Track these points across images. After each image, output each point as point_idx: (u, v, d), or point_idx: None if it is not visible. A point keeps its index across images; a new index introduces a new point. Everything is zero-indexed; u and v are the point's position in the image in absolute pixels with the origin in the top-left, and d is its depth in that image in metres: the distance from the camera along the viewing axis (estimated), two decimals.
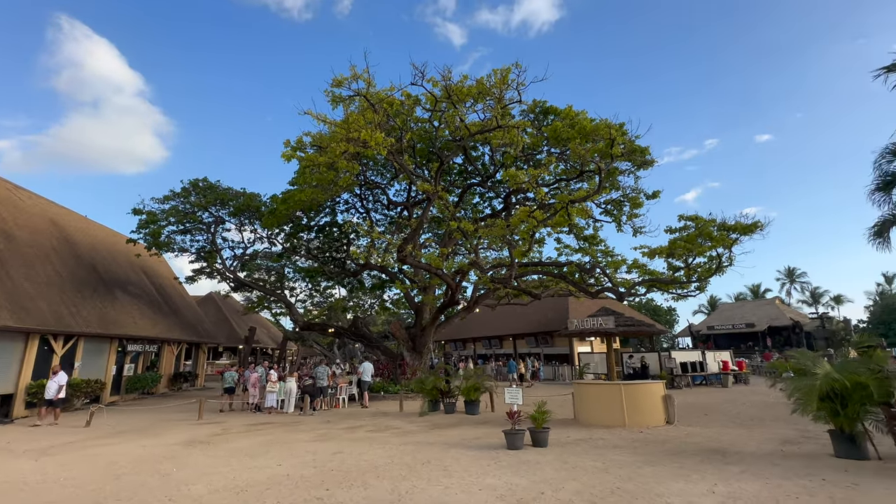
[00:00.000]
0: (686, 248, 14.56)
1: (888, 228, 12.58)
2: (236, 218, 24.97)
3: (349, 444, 8.97)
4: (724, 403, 14.94)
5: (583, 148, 11.24)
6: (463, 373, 14.84)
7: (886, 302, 52.49)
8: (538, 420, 8.18)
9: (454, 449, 8.15)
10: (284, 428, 11.41)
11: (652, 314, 54.38)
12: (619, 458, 7.08)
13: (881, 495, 5.08)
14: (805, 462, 6.65)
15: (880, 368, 6.67)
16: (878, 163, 11.02)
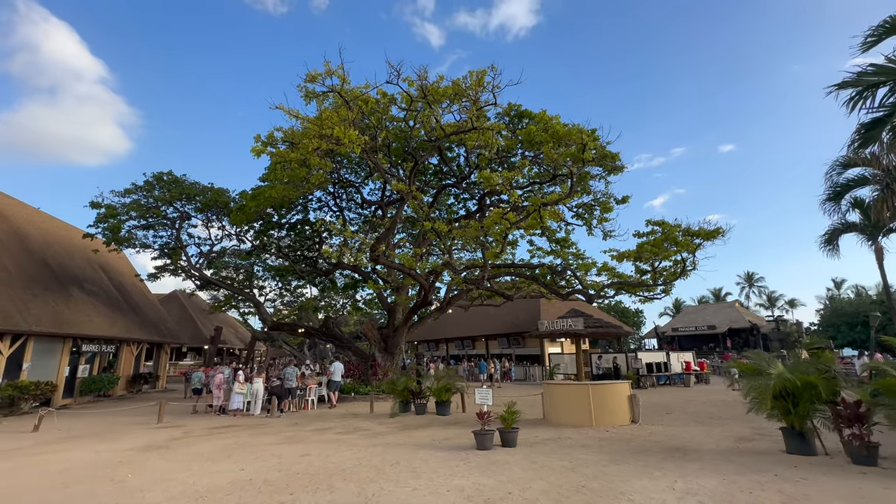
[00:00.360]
0: (653, 252, 15.01)
1: (837, 237, 13.38)
2: (203, 214, 24.12)
3: (317, 446, 8.79)
4: (686, 403, 15.47)
5: (555, 152, 11.44)
6: (434, 373, 14.81)
7: (835, 306, 55.63)
8: (507, 420, 8.25)
9: (423, 450, 8.12)
10: (250, 431, 11.08)
11: (620, 316, 55.85)
12: (585, 457, 7.22)
13: (826, 489, 5.37)
14: (759, 458, 6.96)
15: (828, 369, 7.05)
16: (829, 174, 11.70)
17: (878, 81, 7.04)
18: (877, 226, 12.54)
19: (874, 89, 7.18)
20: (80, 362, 19.09)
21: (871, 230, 12.92)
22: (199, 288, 26.86)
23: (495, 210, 12.91)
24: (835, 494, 5.16)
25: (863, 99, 7.28)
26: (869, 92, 7.22)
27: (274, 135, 12.14)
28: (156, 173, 20.48)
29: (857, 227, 13.24)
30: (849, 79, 7.29)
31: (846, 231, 13.47)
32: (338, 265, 22.67)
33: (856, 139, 7.72)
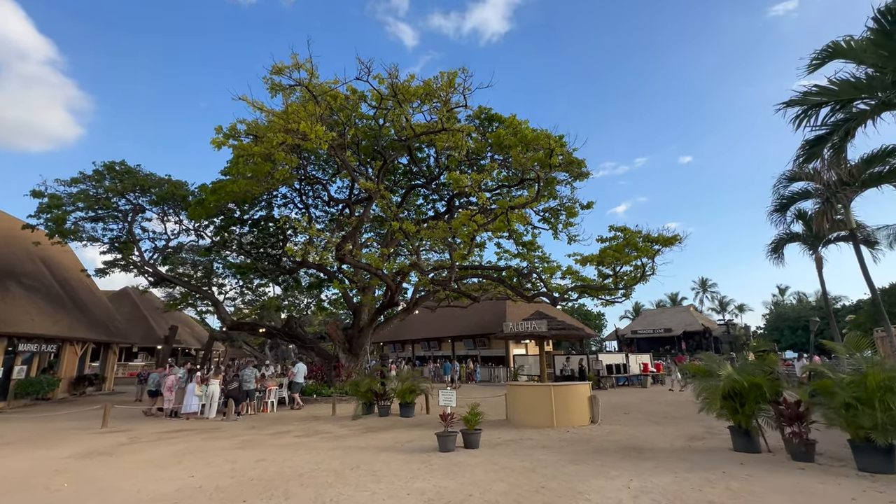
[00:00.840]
0: (615, 257, 15.47)
1: (782, 246, 14.26)
2: (158, 207, 22.94)
3: (274, 450, 8.50)
4: (643, 403, 16.03)
5: (524, 156, 11.59)
6: (395, 374, 14.66)
7: (779, 311, 59.35)
8: (471, 422, 8.25)
9: (385, 453, 8.00)
10: (203, 435, 10.59)
11: (583, 318, 57.34)
12: (545, 458, 7.31)
13: (769, 485, 5.66)
14: (709, 456, 7.27)
15: (772, 370, 7.46)
16: (776, 187, 12.51)
17: (821, 101, 7.56)
18: (817, 236, 13.50)
19: (818, 108, 7.71)
20: (15, 363, 17.72)
21: (812, 241, 13.91)
22: (153, 285, 25.55)
23: (464, 212, 12.94)
24: (776, 490, 5.45)
25: (808, 117, 7.80)
26: (813, 111, 7.74)
27: (237, 127, 11.68)
28: (107, 162, 19.31)
29: (801, 237, 14.22)
30: (795, 98, 7.81)
31: (790, 241, 14.43)
32: (302, 264, 22.11)
33: (801, 154, 8.27)
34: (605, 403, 15.20)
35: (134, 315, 40.21)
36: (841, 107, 7.56)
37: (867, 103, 7.44)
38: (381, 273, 15.83)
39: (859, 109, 7.51)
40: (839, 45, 7.54)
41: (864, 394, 6.24)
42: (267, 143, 10.88)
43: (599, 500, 5.20)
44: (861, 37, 7.21)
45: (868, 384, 6.23)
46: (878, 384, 6.12)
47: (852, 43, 7.35)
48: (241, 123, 11.45)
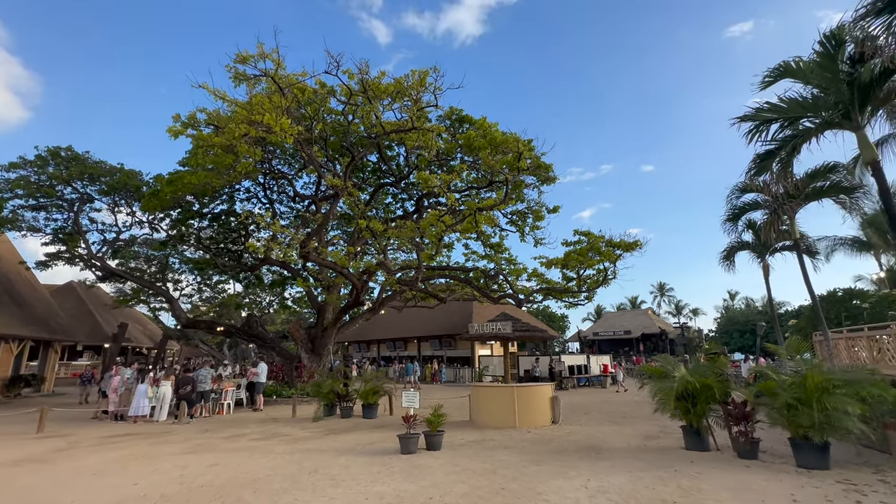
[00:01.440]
0: (579, 261, 15.83)
1: (734, 254, 15.06)
2: (109, 197, 21.64)
3: (228, 454, 8.14)
4: (603, 403, 16.49)
5: (493, 158, 11.66)
6: (359, 374, 14.41)
7: (729, 315, 62.69)
8: (433, 424, 8.20)
9: (346, 456, 7.82)
10: (151, 439, 10.03)
11: (547, 320, 58.50)
12: (507, 459, 7.36)
13: (717, 482, 5.91)
14: (662, 455, 7.53)
15: (722, 372, 7.82)
16: (730, 197, 13.21)
17: (772, 118, 8.02)
18: (765, 245, 14.35)
19: (768, 124, 8.17)
20: None
21: (760, 249, 14.78)
22: (101, 280, 24.07)
23: (432, 212, 12.89)
24: (723, 487, 5.69)
25: (759, 132, 8.26)
26: (764, 126, 8.20)
27: (196, 116, 11.13)
28: (51, 148, 18.00)
29: (750, 245, 15.08)
30: (748, 113, 8.24)
31: (741, 249, 15.28)
32: (265, 261, 21.43)
33: (752, 167, 8.77)
34: (566, 404, 15.54)
35: (79, 311, 37.73)
36: (789, 123, 8.05)
37: (812, 121, 7.95)
38: (347, 272, 15.54)
39: (805, 127, 8.03)
40: (789, 65, 8.02)
41: (804, 395, 6.63)
42: (228, 134, 10.43)
43: (558, 501, 5.27)
44: (808, 58, 7.70)
45: (807, 385, 6.62)
46: (817, 385, 6.51)
47: (801, 64, 7.83)
48: (200, 112, 10.93)
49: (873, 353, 9.62)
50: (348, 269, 15.17)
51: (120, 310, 35.89)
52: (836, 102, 7.36)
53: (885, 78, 6.96)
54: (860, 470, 6.44)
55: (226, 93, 9.97)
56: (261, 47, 10.25)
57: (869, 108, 7.35)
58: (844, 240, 26.11)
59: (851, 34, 6.60)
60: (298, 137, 11.36)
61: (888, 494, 5.33)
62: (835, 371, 6.76)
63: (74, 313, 36.42)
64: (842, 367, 7.15)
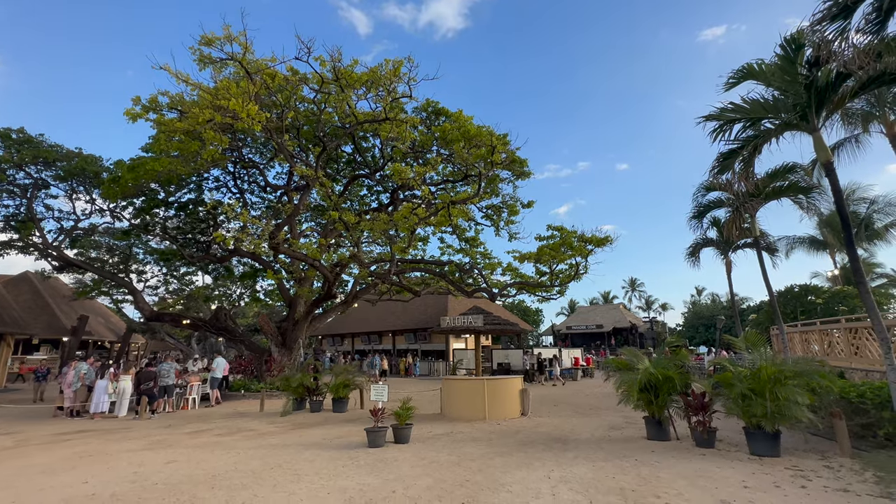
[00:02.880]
0: (552, 255, 16.02)
1: (699, 250, 15.54)
2: (66, 183, 20.57)
3: (188, 451, 7.90)
4: (572, 395, 16.81)
5: (467, 152, 11.61)
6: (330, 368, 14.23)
7: (696, 310, 64.94)
8: (402, 417, 8.16)
9: (311, 450, 7.70)
10: (108, 436, 9.64)
11: (522, 314, 59.27)
12: (473, 451, 7.39)
13: (674, 470, 6.09)
14: (624, 445, 7.71)
15: (683, 364, 8.05)
16: (695, 196, 13.62)
17: (735, 118, 8.25)
18: (728, 242, 14.86)
19: (732, 124, 8.41)
20: None
21: (723, 246, 15.31)
22: (59, 270, 22.94)
23: (405, 204, 12.77)
24: (680, 475, 5.87)
25: (723, 132, 8.49)
26: (728, 126, 8.43)
27: (158, 99, 10.61)
28: (1, 129, 16.92)
29: (714, 242, 15.60)
30: (713, 113, 8.46)
31: (706, 246, 15.80)
32: (234, 252, 20.85)
33: (716, 166, 9.02)
34: (536, 396, 15.77)
35: (35, 303, 35.87)
36: (751, 124, 8.30)
37: (772, 122, 8.22)
38: (319, 264, 15.26)
39: (766, 128, 8.30)
40: (752, 67, 8.26)
41: (758, 385, 6.89)
42: (192, 120, 10.00)
43: (520, 491, 5.32)
44: (770, 61, 7.94)
45: (761, 377, 6.88)
46: (770, 377, 6.78)
47: (763, 66, 8.07)
48: (163, 96, 10.41)
49: (824, 346, 10.12)
50: (320, 262, 14.89)
51: (80, 302, 34.34)
52: (795, 104, 7.62)
53: (840, 82, 7.25)
54: (807, 456, 6.76)
55: (189, 76, 9.54)
56: (227, 30, 9.86)
57: (825, 112, 7.65)
58: (803, 239, 27.36)
59: (809, 39, 6.84)
60: (268, 125, 11.02)
61: (831, 479, 5.60)
62: (787, 363, 7.05)
63: (30, 305, 34.63)
64: (794, 360, 7.45)
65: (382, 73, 11.60)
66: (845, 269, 28.42)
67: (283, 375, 14.56)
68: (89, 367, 13.50)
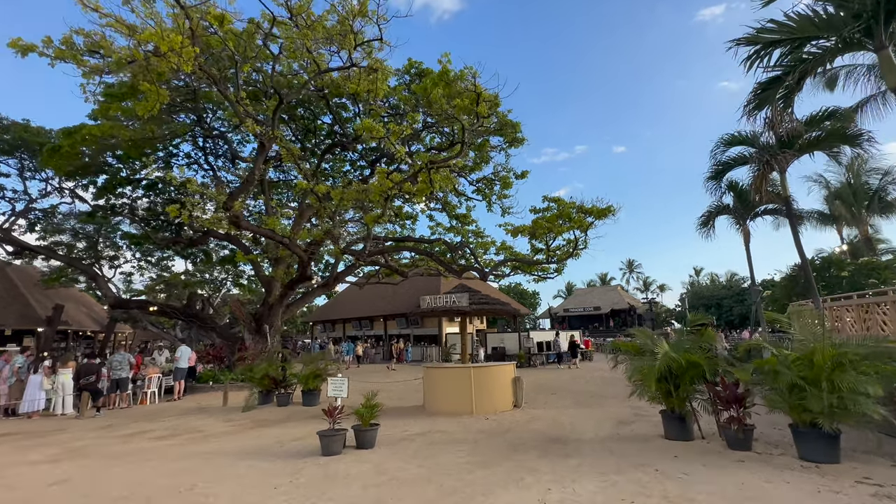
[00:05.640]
0: (547, 228, 14.47)
1: (713, 218, 13.96)
2: (15, 160, 18.72)
3: (99, 462, 6.38)
4: (571, 380, 15.42)
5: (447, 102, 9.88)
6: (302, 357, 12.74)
7: (695, 290, 63.85)
8: (364, 417, 6.64)
9: (250, 460, 6.19)
10: (22, 441, 8.13)
11: (519, 297, 57.96)
12: (451, 460, 5.89)
13: (711, 488, 4.60)
14: (639, 447, 6.23)
15: (710, 347, 6.54)
16: (714, 153, 11.92)
17: (776, 39, 6.62)
18: (748, 207, 13.31)
19: (772, 48, 6.79)
20: None
21: (741, 213, 13.74)
22: (14, 255, 21.22)
23: (380, 169, 11.12)
24: (721, 495, 4.37)
25: (760, 58, 6.87)
26: (766, 51, 6.81)
27: (73, 40, 8.78)
28: None
29: (730, 209, 14.02)
30: (748, 35, 6.81)
31: (720, 213, 14.20)
32: (208, 233, 19.16)
33: (752, 100, 7.41)
34: (532, 383, 14.35)
35: (6, 292, 34.04)
36: (797, 46, 6.68)
37: (822, 47, 6.59)
38: (289, 242, 13.62)
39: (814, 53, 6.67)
40: None
41: (812, 372, 5.39)
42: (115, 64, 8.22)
43: None
44: None
45: (816, 361, 5.38)
46: (828, 361, 5.27)
47: None
48: (78, 35, 8.58)
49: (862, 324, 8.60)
50: (288, 239, 13.26)
51: (58, 291, 32.61)
52: (857, 15, 5.98)
53: None
54: (873, 461, 5.31)
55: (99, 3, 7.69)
56: None
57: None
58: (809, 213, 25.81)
59: None
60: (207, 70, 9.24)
61: None
62: (849, 343, 5.53)
63: (2, 295, 32.87)
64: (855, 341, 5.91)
65: (346, 11, 9.77)
66: (853, 244, 27.00)
67: (244, 366, 13.06)
68: (25, 359, 11.94)
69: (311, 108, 18.82)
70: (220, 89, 10.08)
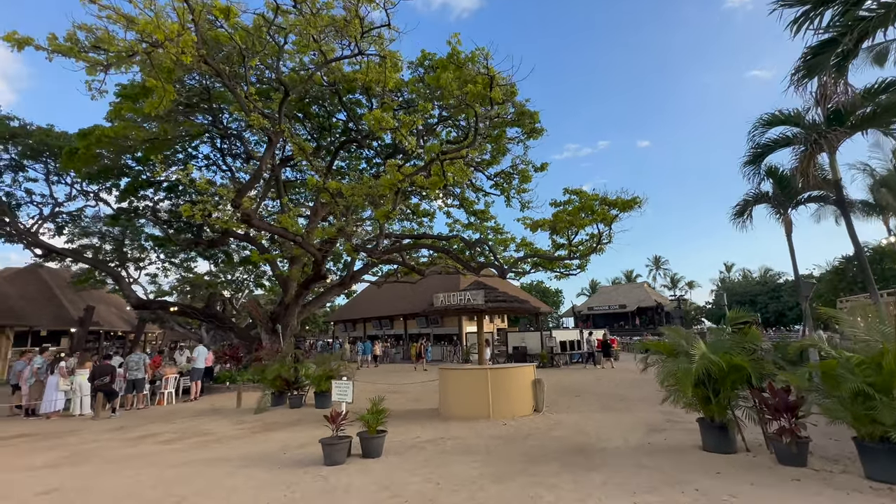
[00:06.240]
0: (569, 222, 13.74)
1: (749, 208, 12.92)
2: (41, 164, 19.14)
3: (99, 468, 6.13)
4: (596, 382, 14.66)
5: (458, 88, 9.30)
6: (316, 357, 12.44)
7: (727, 286, 61.31)
8: (370, 424, 6.18)
9: (249, 469, 5.82)
10: (33, 443, 8.02)
11: (541, 295, 56.88)
12: (462, 472, 5.36)
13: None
14: (675, 460, 5.55)
15: (755, 347, 5.79)
16: (752, 134, 10.87)
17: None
18: (790, 195, 12.22)
19: (823, 8, 5.96)
20: None
21: (782, 201, 12.63)
22: (43, 258, 21.79)
23: (390, 161, 10.66)
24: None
25: (810, 19, 6.05)
26: (817, 12, 5.99)
27: (77, 36, 8.65)
28: None
29: (769, 198, 12.91)
30: None
31: (758, 202, 13.09)
32: (226, 234, 19.20)
33: (800, 67, 6.54)
34: (555, 384, 13.69)
35: (42, 294, 35.35)
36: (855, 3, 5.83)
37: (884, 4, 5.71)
38: (300, 240, 13.34)
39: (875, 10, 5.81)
40: None
41: (879, 378, 4.62)
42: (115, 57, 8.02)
43: None
44: None
45: (885, 365, 4.60)
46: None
47: None
48: (81, 31, 8.43)
49: None
50: (301, 237, 12.97)
51: (89, 292, 33.58)
52: None
53: None
54: None
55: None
56: None
57: None
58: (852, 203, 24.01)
59: None
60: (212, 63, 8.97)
61: None
62: None
63: (36, 297, 34.09)
64: None
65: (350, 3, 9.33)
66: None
67: (256, 367, 12.84)
68: (44, 360, 12.02)
69: (324, 105, 18.57)
70: (224, 82, 9.83)
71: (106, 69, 8.24)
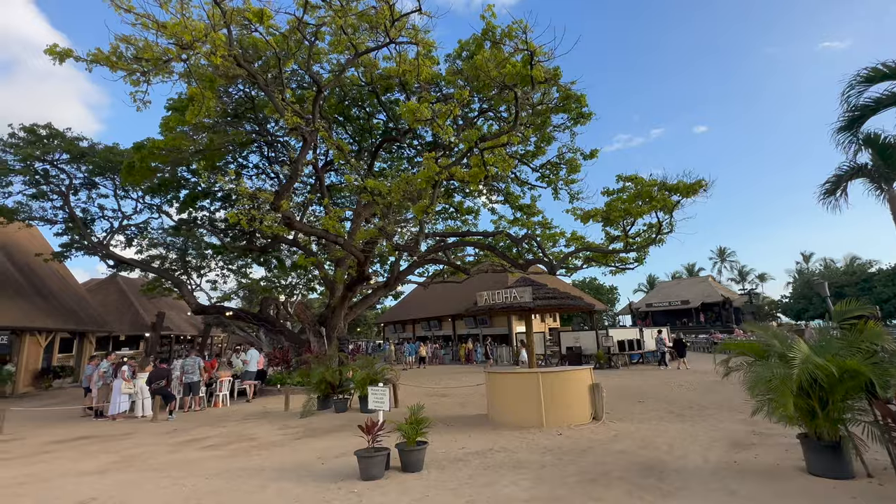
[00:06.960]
0: (624, 211, 12.60)
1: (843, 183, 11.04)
2: (109, 180, 20.55)
3: (140, 476, 6.06)
4: (661, 385, 13.35)
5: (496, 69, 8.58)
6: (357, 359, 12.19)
7: (806, 278, 55.49)
8: (409, 436, 5.65)
9: (282, 481, 5.48)
10: (87, 447, 8.26)
11: (595, 293, 54.44)
12: (509, 494, 4.69)
13: None
14: (772, 487, 4.55)
15: (876, 349, 4.64)
16: (847, 95, 9.07)
17: None
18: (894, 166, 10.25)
19: None
20: None
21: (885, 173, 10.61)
22: (115, 269, 23.48)
23: (427, 155, 10.16)
24: None
25: None
26: None
27: (119, 49, 8.89)
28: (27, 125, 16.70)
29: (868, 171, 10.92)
30: None
31: (854, 176, 11.11)
32: (276, 239, 19.68)
33: None
34: (614, 388, 12.58)
35: (121, 303, 38.48)
36: None
37: None
38: (342, 241, 13.20)
39: None
40: None
41: None
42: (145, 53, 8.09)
43: None
44: None
45: None
46: None
47: None
48: (124, 43, 8.64)
49: None
50: (343, 239, 12.82)
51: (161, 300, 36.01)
52: None
53: None
54: None
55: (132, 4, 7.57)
56: None
57: None
58: None
59: None
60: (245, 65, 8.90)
61: None
62: None
63: (116, 305, 37.13)
64: None
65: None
66: None
67: (300, 370, 12.79)
68: (109, 364, 12.66)
69: (364, 107, 18.50)
70: (259, 84, 9.78)
71: (146, 77, 8.33)
